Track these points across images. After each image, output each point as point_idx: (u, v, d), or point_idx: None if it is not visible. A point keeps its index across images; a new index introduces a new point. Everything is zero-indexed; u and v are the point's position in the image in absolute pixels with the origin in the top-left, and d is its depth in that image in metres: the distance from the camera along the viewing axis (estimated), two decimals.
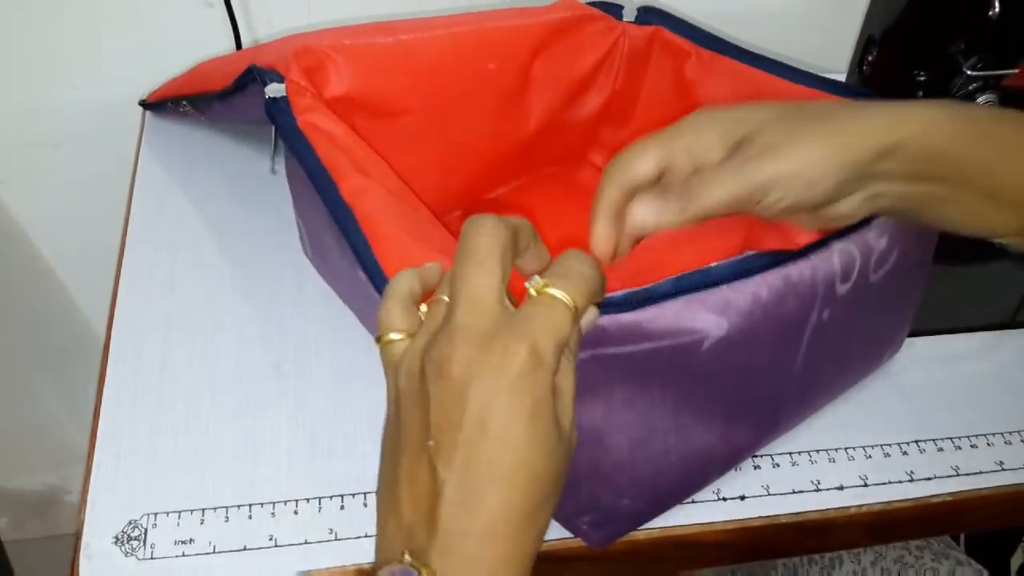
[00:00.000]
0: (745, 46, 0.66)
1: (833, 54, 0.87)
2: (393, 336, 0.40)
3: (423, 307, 0.41)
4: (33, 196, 0.94)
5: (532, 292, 0.38)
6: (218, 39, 0.85)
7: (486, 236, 0.37)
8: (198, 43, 0.86)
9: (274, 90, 0.56)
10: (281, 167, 0.73)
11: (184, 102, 0.72)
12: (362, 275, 0.49)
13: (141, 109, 0.84)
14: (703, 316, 0.43)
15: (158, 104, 0.80)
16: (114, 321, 0.63)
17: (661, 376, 0.45)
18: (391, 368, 0.40)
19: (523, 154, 0.71)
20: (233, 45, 0.84)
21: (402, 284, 0.41)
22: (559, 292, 0.37)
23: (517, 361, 0.36)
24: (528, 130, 0.69)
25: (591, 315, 0.40)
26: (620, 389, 0.45)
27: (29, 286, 1.02)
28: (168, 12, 0.84)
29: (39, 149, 0.90)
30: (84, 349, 1.10)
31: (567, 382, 0.38)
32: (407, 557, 0.36)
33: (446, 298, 0.38)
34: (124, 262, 0.68)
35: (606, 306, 0.42)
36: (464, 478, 0.36)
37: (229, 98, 0.63)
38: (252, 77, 0.58)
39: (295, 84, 0.56)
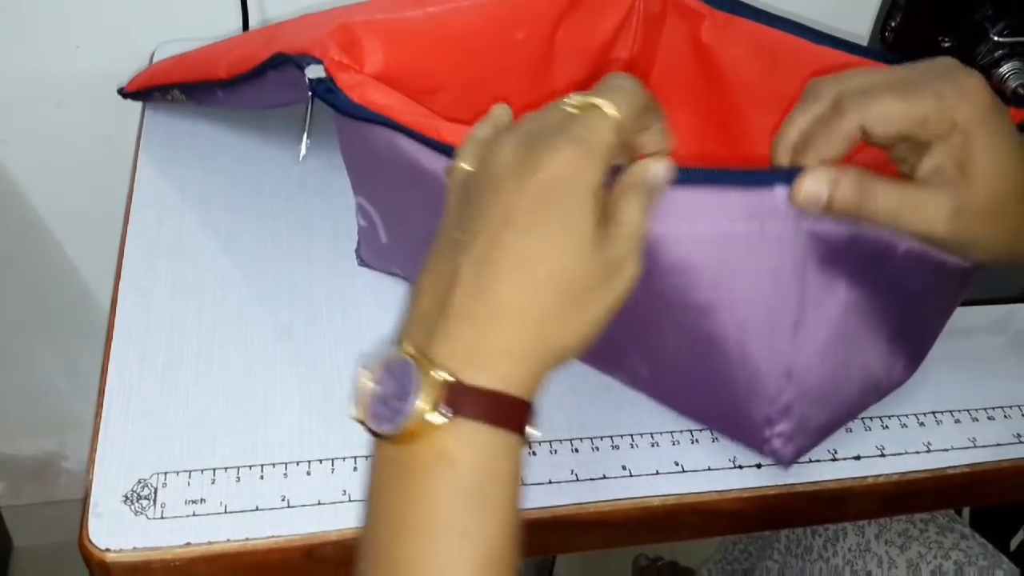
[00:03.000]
0: (763, 8, 0.64)
1: (855, 19, 0.85)
2: (463, 165, 0.41)
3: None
4: (33, 156, 0.92)
5: (573, 110, 0.38)
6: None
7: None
8: (203, 3, 0.84)
9: (314, 71, 0.54)
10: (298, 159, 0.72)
11: (175, 91, 0.69)
12: None
13: (145, 66, 0.83)
14: None
15: (140, 93, 0.75)
16: (121, 279, 0.62)
17: (851, 271, 0.45)
18: (449, 189, 0.41)
19: None
20: (239, 3, 0.83)
21: (487, 125, 0.43)
22: (598, 100, 0.38)
23: (556, 162, 0.36)
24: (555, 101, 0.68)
25: (661, 166, 0.40)
26: (813, 278, 0.44)
27: (27, 248, 1.01)
28: None
29: (39, 108, 0.89)
30: (83, 313, 1.09)
31: (629, 213, 0.38)
32: (408, 347, 0.36)
33: None
34: (130, 221, 0.66)
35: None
36: (481, 265, 0.36)
37: (240, 86, 0.60)
38: (279, 63, 0.56)
39: (335, 62, 0.54)
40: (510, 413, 0.36)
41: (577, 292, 0.36)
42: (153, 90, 0.72)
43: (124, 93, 0.76)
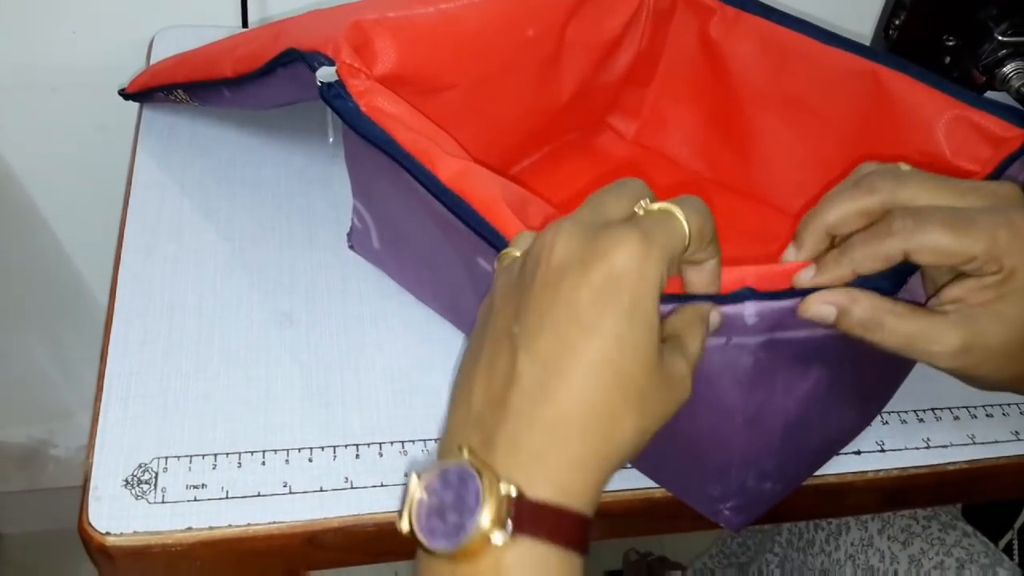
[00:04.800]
0: (772, 5, 0.64)
1: (859, 17, 0.86)
2: (516, 253, 0.39)
3: None
4: (27, 142, 0.92)
5: (643, 211, 0.36)
6: None
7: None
8: None
9: (325, 75, 0.52)
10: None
11: (178, 91, 0.67)
12: (483, 263, 0.47)
13: (143, 54, 0.82)
14: None
15: (141, 94, 0.73)
16: (121, 264, 0.61)
17: (827, 361, 0.44)
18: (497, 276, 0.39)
19: (552, 124, 0.69)
20: None
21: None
22: (672, 207, 0.36)
23: (621, 253, 0.34)
24: (562, 99, 0.67)
25: (715, 315, 0.39)
26: (784, 374, 0.43)
27: (19, 235, 1.00)
28: None
29: (34, 94, 0.88)
30: (74, 301, 1.08)
31: (692, 343, 0.37)
32: (465, 453, 0.34)
33: None
34: (130, 207, 0.66)
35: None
36: (544, 365, 0.33)
37: (248, 84, 0.59)
38: (289, 60, 0.54)
39: (348, 66, 0.53)
40: (573, 530, 0.33)
41: (641, 400, 0.34)
42: (155, 90, 0.70)
43: (125, 94, 0.74)
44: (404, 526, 0.35)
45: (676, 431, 0.45)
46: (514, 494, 0.32)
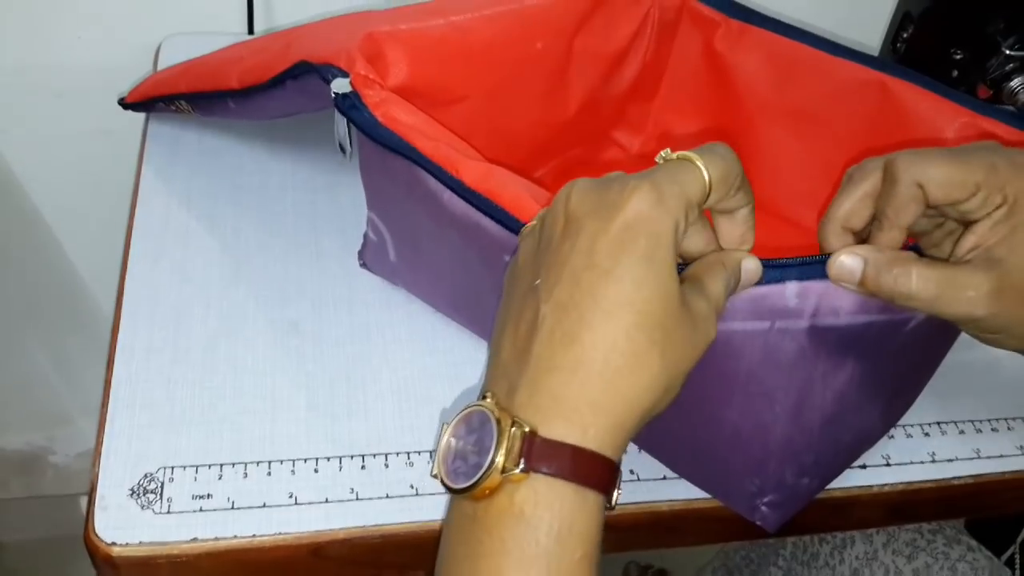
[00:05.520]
0: (776, 18, 0.64)
1: (866, 30, 0.86)
2: (535, 223, 0.40)
3: None
4: (32, 147, 0.92)
5: (661, 160, 0.37)
6: None
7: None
8: None
9: (340, 85, 0.52)
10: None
11: (180, 101, 0.67)
12: (508, 258, 0.47)
13: (150, 60, 0.82)
14: None
15: (142, 104, 0.72)
16: (127, 272, 0.61)
17: (861, 352, 0.44)
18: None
19: (559, 137, 0.69)
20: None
21: None
22: (690, 154, 0.37)
23: (635, 199, 0.34)
24: (569, 112, 0.67)
25: (752, 263, 0.39)
26: (823, 364, 0.43)
27: (23, 240, 1.00)
28: None
29: (39, 98, 0.88)
30: (76, 307, 1.08)
31: (713, 285, 0.37)
32: (488, 399, 0.35)
33: None
34: (136, 214, 0.66)
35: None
36: (564, 311, 0.34)
37: (255, 95, 0.59)
38: (301, 72, 0.54)
39: (362, 77, 0.52)
40: (591, 470, 0.34)
41: (664, 340, 0.34)
42: (156, 100, 0.69)
43: (125, 104, 0.73)
44: (433, 470, 0.37)
45: (717, 420, 0.46)
46: (528, 432, 0.33)
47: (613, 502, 0.35)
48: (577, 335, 0.34)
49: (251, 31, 0.85)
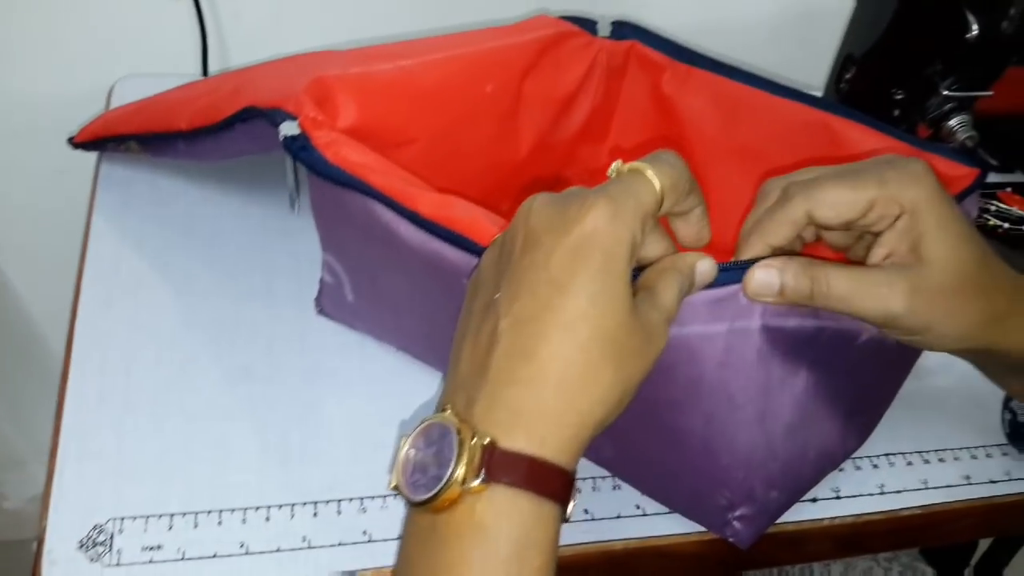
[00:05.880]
0: (722, 60, 0.66)
1: (810, 71, 0.88)
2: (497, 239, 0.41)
3: None
4: None
5: (613, 172, 0.38)
6: (184, 32, 0.83)
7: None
8: (163, 36, 0.84)
9: (289, 128, 0.52)
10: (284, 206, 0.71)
11: (131, 142, 0.66)
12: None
13: (103, 101, 0.82)
14: None
15: (92, 143, 0.71)
16: (77, 319, 0.61)
17: (815, 360, 0.45)
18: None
19: (511, 180, 0.70)
20: (199, 38, 0.83)
21: None
22: (640, 165, 0.38)
23: (591, 215, 0.35)
24: (520, 155, 0.68)
25: (706, 264, 0.41)
26: (779, 368, 0.45)
27: None
28: (133, 4, 0.82)
29: None
30: (27, 351, 1.06)
31: (666, 293, 0.38)
32: (447, 411, 0.36)
33: None
34: (87, 258, 0.65)
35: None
36: (521, 326, 0.35)
37: (204, 138, 0.59)
38: (249, 116, 0.54)
39: (311, 119, 0.52)
40: (548, 481, 0.34)
41: (617, 353, 0.35)
42: (107, 140, 0.69)
43: (75, 143, 0.72)
44: (392, 481, 0.37)
45: (684, 430, 0.47)
46: (488, 443, 0.34)
47: (568, 513, 0.36)
48: (535, 349, 0.35)
49: (205, 72, 0.85)
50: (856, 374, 0.49)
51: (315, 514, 0.52)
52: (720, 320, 0.43)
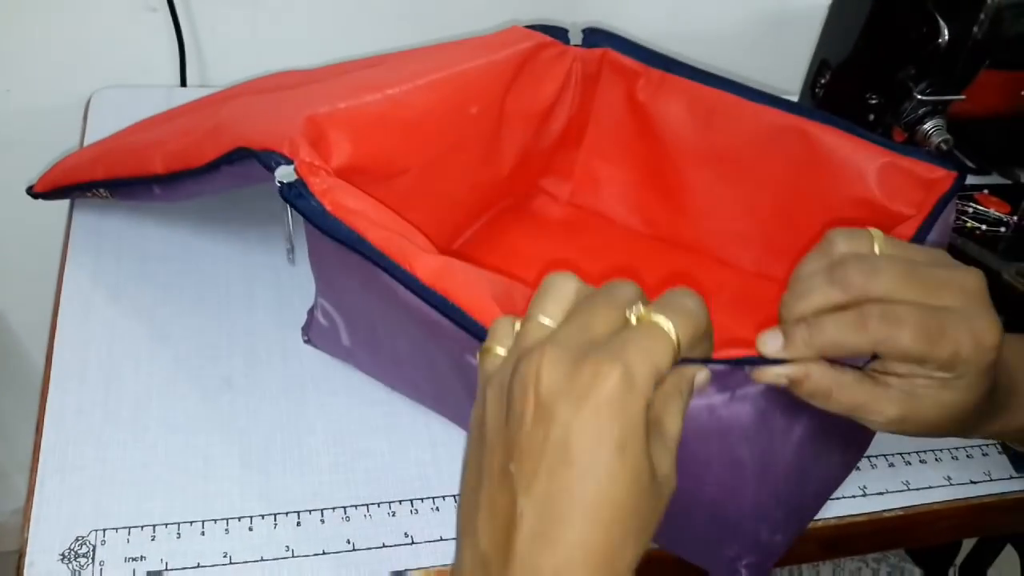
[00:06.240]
0: (697, 66, 0.66)
1: (785, 77, 0.88)
2: (499, 350, 0.38)
3: (517, 324, 0.39)
4: None
5: (632, 320, 0.36)
6: (160, 44, 0.83)
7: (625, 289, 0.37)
8: (140, 47, 0.84)
9: (285, 174, 0.50)
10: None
11: (98, 188, 0.62)
12: (472, 360, 0.46)
13: (80, 113, 0.81)
14: None
15: (55, 192, 0.67)
16: (56, 331, 0.60)
17: (813, 408, 0.44)
18: (483, 382, 0.38)
19: (492, 193, 0.70)
20: (176, 50, 0.83)
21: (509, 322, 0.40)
22: (661, 319, 0.36)
23: (607, 384, 0.34)
24: (504, 170, 0.68)
25: (703, 376, 0.39)
26: (779, 421, 0.44)
27: None
28: (109, 15, 0.81)
29: None
30: (7, 362, 1.06)
31: (672, 424, 0.37)
32: None
33: (544, 319, 0.37)
34: (66, 270, 0.65)
35: None
36: (544, 509, 0.34)
37: (183, 180, 0.56)
38: (239, 158, 0.52)
39: (307, 164, 0.51)
40: None
41: (639, 524, 0.35)
42: (71, 188, 0.65)
43: (34, 194, 0.68)
44: None
45: (696, 500, 0.46)
46: None
47: None
48: (559, 537, 0.34)
49: (183, 83, 0.85)
50: None
51: (298, 523, 0.52)
52: (723, 391, 0.42)
